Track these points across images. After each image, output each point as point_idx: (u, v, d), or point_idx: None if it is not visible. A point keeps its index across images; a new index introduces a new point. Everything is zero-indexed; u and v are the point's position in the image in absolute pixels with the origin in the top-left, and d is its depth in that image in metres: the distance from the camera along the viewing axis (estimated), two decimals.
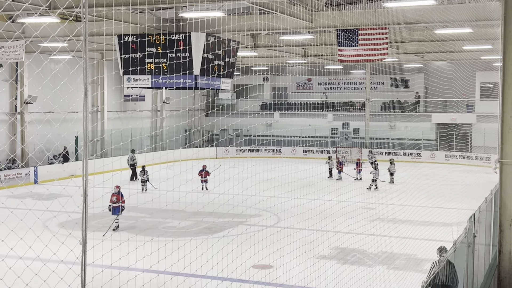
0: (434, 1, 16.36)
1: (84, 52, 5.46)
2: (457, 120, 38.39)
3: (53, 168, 27.67)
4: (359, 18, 19.44)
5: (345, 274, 12.29)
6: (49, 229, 15.02)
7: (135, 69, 19.71)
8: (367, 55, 20.72)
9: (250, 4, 16.88)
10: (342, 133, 42.80)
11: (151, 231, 17.05)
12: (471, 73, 37.10)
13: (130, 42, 19.54)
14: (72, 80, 28.05)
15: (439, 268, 8.78)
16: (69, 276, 7.49)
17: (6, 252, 8.63)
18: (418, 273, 13.04)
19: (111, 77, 34.05)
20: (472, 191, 23.57)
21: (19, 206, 13.85)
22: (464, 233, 8.55)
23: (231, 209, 19.34)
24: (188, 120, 43.15)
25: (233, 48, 21.30)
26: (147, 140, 38.75)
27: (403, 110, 41.40)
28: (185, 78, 19.35)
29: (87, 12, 5.46)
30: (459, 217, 17.81)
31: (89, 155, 5.74)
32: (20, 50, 22.57)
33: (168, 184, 21.05)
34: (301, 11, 18.69)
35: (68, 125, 28.91)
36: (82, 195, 5.55)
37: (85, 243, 5.50)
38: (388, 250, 14.93)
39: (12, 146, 29.58)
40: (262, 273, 12.52)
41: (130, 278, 9.85)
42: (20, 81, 29.15)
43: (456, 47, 26.71)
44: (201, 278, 11.78)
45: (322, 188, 20.17)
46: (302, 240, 14.25)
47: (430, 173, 32.01)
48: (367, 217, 19.06)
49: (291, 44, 27.64)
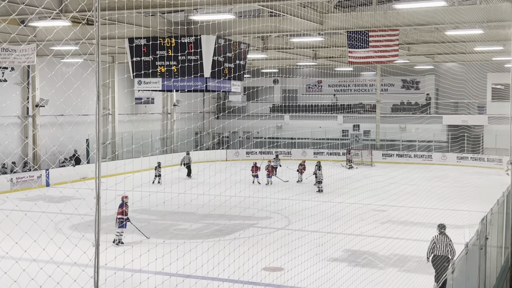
0: (445, 2, 16.30)
1: (97, 55, 5.51)
2: (469, 121, 38.20)
3: (65, 171, 27.83)
4: (370, 20, 19.41)
5: (356, 277, 12.28)
6: (62, 232, 15.15)
7: (146, 72, 19.80)
8: (377, 57, 20.71)
9: (260, 7, 16.91)
10: (352, 135, 42.72)
11: (162, 233, 17.11)
12: (482, 75, 36.91)
13: (141, 45, 19.63)
14: (84, 83, 28.24)
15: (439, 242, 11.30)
16: (82, 278, 7.55)
17: (20, 254, 8.71)
18: (429, 275, 12.98)
19: (122, 80, 34.22)
20: (484, 193, 23.44)
21: (32, 208, 13.97)
22: (476, 235, 8.53)
23: (242, 212, 19.36)
24: (199, 122, 43.26)
25: (243, 51, 21.35)
26: (158, 143, 38.89)
27: (414, 112, 41.28)
28: (196, 81, 19.40)
29: (100, 15, 5.51)
30: (471, 219, 17.73)
31: (101, 157, 5.79)
32: (32, 53, 22.76)
33: (180, 186, 21.14)
34: (311, 13, 18.70)
35: (80, 128, 29.10)
36: (95, 198, 5.59)
37: (98, 245, 5.54)
38: (400, 252, 14.89)
39: (24, 149, 29.79)
40: (273, 275, 12.53)
41: (143, 280, 9.90)
42: (32, 85, 29.37)
43: (467, 48, 26.60)
44: (212, 280, 11.82)
45: (333, 190, 20.17)
46: (313, 242, 14.25)
47: (442, 175, 31.86)
48: (378, 219, 19.02)
49: (301, 46, 27.65)
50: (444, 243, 11.56)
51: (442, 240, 11.64)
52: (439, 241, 11.62)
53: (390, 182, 26.09)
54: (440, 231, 11.78)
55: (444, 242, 11.59)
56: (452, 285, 7.33)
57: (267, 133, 42.15)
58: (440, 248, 11.59)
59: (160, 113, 40.01)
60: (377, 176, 27.49)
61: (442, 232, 11.75)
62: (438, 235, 11.74)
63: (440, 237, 11.67)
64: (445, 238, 11.65)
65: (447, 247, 11.55)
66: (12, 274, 8.21)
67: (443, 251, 11.56)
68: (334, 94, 45.98)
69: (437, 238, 11.69)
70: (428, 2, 17.12)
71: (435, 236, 11.77)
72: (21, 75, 29.29)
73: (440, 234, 11.74)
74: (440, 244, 11.60)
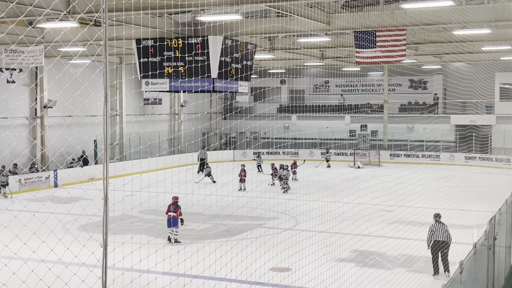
0: (452, 2, 16.25)
1: (104, 56, 5.53)
2: (477, 121, 38.05)
3: (73, 172, 27.93)
4: (377, 20, 19.37)
5: (364, 277, 12.26)
6: (70, 232, 15.20)
7: (154, 73, 19.84)
8: (385, 57, 20.66)
9: (267, 7, 16.91)
10: (360, 135, 42.65)
11: None
12: (490, 74, 36.78)
13: (148, 46, 19.67)
14: (92, 84, 28.35)
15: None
16: (90, 279, 7.58)
17: (28, 255, 8.75)
18: (438, 275, 12.95)
19: (130, 81, 34.33)
20: (492, 193, 23.36)
21: (40, 209, 14.02)
22: (484, 235, 8.51)
23: (249, 212, 19.36)
24: (206, 123, 43.31)
25: (250, 51, 21.36)
26: (165, 144, 38.97)
27: (422, 111, 41.16)
28: (203, 82, 19.42)
29: (107, 17, 5.53)
30: (479, 220, 17.66)
31: (108, 158, 5.81)
32: (40, 55, 22.85)
33: (187, 187, 21.17)
34: (318, 13, 18.69)
35: (88, 129, 29.20)
36: (103, 198, 5.62)
37: (105, 246, 5.57)
38: (408, 253, 14.84)
39: (32, 150, 29.93)
40: (281, 275, 12.53)
41: (150, 280, 9.92)
42: (40, 86, 29.50)
43: (475, 48, 26.49)
44: (220, 280, 11.83)
45: (341, 191, 20.13)
46: (321, 242, 14.24)
47: (450, 175, 31.76)
48: (386, 219, 18.98)
49: (308, 47, 27.63)
50: (442, 230, 12.88)
51: (439, 227, 12.94)
52: (437, 229, 12.92)
53: (398, 182, 26.02)
54: (436, 220, 13.12)
55: (441, 229, 12.91)
56: (460, 285, 7.31)
57: (274, 134, 42.15)
58: (438, 235, 12.85)
59: (167, 114, 40.09)
60: (385, 176, 27.47)
61: (438, 221, 13.08)
62: (435, 223, 13.02)
63: (437, 225, 12.97)
64: (441, 225, 12.98)
65: (445, 233, 12.85)
66: (20, 274, 8.24)
67: (442, 237, 12.82)
68: (341, 94, 45.92)
69: (434, 226, 12.98)
70: (435, 2, 17.06)
71: (432, 225, 13.04)
72: (29, 76, 29.43)
73: (436, 223, 13.03)
74: (438, 231, 12.88)
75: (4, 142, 25.37)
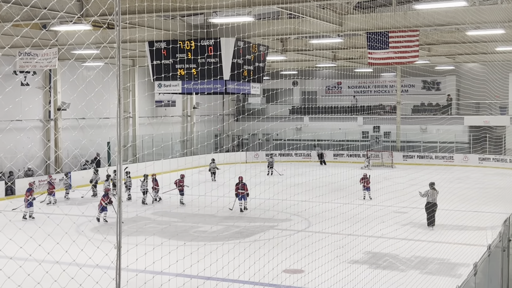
0: (465, 2, 16.15)
1: (118, 59, 5.56)
2: (490, 122, 37.77)
3: (87, 174, 28.08)
4: (389, 21, 19.31)
5: (377, 279, 12.22)
6: (84, 234, 15.30)
7: (166, 75, 19.92)
8: (397, 58, 20.58)
9: (279, 9, 16.91)
10: (372, 136, 42.50)
11: (183, 235, 17.18)
12: (504, 75, 36.51)
13: (161, 48, 19.75)
14: (105, 87, 28.50)
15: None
16: (104, 280, 7.62)
17: (43, 256, 8.82)
18: (451, 277, 12.88)
19: (143, 84, 34.47)
20: (506, 194, 23.18)
21: (54, 211, 14.13)
22: (498, 237, 8.45)
23: (262, 214, 19.38)
24: (218, 125, 43.38)
25: (263, 53, 21.38)
26: (178, 146, 39.08)
27: (435, 112, 40.95)
28: (215, 84, 19.47)
29: (120, 19, 5.57)
30: (493, 221, 17.54)
31: (122, 160, 5.84)
32: (53, 58, 23.02)
33: (200, 188, 21.22)
34: (330, 14, 18.67)
35: (101, 131, 29.36)
36: (117, 200, 5.65)
37: (119, 248, 5.59)
38: (421, 255, 14.77)
39: (46, 152, 30.13)
40: (294, 277, 12.52)
41: (164, 282, 9.96)
42: (54, 88, 29.70)
43: (489, 48, 26.32)
44: (233, 282, 11.84)
45: (353, 192, 20.08)
46: (334, 244, 14.21)
47: (463, 176, 31.55)
48: (399, 221, 18.89)
49: (320, 48, 27.59)
50: (434, 195, 17.87)
51: (433, 193, 17.88)
52: (430, 194, 17.87)
53: (411, 184, 25.88)
54: (431, 187, 17.95)
55: (434, 194, 17.88)
56: (475, 287, 7.27)
57: (287, 135, 42.10)
58: (431, 198, 17.86)
59: (180, 116, 40.20)
60: (398, 178, 27.35)
61: (433, 188, 17.93)
62: (430, 189, 17.89)
63: (431, 191, 17.89)
64: (435, 191, 17.94)
65: (435, 196, 17.91)
66: (35, 276, 8.31)
67: (433, 200, 17.89)
68: (354, 96, 45.80)
69: (429, 192, 17.93)
70: (448, 3, 16.97)
71: (428, 190, 17.95)
72: (43, 79, 29.65)
73: (431, 189, 17.89)
74: (431, 196, 17.84)
75: (19, 145, 25.56)
